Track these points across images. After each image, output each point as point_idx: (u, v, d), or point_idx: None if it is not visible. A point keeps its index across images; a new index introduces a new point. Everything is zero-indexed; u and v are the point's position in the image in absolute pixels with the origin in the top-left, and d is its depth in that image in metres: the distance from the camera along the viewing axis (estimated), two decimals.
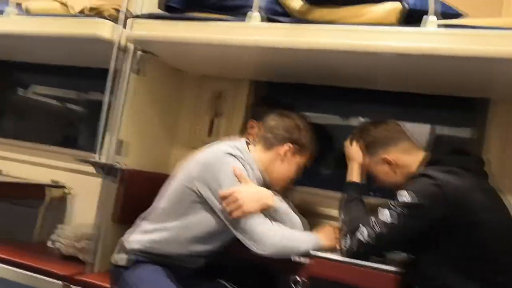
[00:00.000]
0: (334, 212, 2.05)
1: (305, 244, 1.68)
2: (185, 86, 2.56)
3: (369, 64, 1.91)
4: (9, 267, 2.13)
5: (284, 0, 1.89)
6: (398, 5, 1.74)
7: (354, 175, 1.84)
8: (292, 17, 1.87)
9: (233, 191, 1.65)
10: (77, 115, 3.27)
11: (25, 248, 2.34)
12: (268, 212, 1.70)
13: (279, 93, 2.50)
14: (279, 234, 1.64)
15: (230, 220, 1.66)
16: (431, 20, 1.65)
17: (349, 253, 1.59)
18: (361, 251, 1.57)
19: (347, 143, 1.90)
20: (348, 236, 1.61)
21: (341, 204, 1.80)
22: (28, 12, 2.38)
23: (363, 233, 1.56)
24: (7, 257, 2.15)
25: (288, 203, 1.94)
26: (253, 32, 1.85)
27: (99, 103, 2.17)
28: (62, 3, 2.31)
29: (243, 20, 1.89)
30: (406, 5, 1.73)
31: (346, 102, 2.51)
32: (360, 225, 1.58)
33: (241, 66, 2.29)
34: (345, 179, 1.87)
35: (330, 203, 2.17)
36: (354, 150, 1.86)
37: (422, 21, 1.66)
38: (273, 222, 1.69)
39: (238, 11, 1.98)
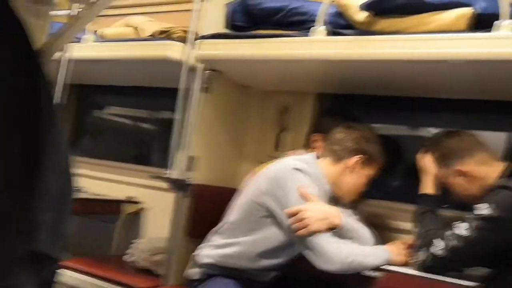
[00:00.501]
0: (405, 226, 2.01)
1: (374, 259, 1.65)
2: (251, 102, 2.61)
3: (436, 72, 1.87)
4: (89, 279, 2.25)
5: (348, 13, 1.90)
6: (468, 10, 1.69)
7: (428, 187, 1.79)
8: (356, 29, 1.87)
9: (300, 209, 1.65)
10: (149, 133, 3.41)
11: (103, 261, 2.46)
12: (336, 230, 1.69)
13: (344, 105, 2.49)
14: (346, 251, 1.63)
15: (298, 238, 1.67)
16: (504, 25, 1.59)
17: (424, 267, 1.55)
18: (436, 265, 1.52)
19: (420, 155, 1.85)
20: (423, 249, 1.57)
21: (415, 217, 1.75)
22: (103, 38, 2.53)
23: (438, 247, 1.51)
24: (87, 269, 2.27)
25: (358, 215, 1.92)
26: (317, 46, 1.87)
27: (169, 121, 2.26)
28: (134, 28, 2.44)
29: (308, 35, 1.91)
30: (478, 10, 1.68)
31: (413, 112, 2.45)
32: (435, 238, 1.54)
33: (306, 80, 2.31)
34: (417, 191, 1.83)
35: (401, 216, 2.12)
36: (427, 162, 1.81)
37: (494, 26, 1.60)
38: (340, 239, 1.68)
39: (302, 26, 2.01)
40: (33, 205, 1.24)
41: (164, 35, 2.29)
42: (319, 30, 1.87)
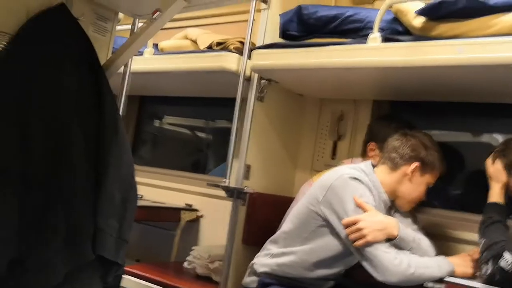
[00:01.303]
0: (466, 236, 1.94)
1: (437, 271, 1.61)
2: (306, 110, 2.62)
3: (499, 77, 1.80)
4: (150, 285, 2.31)
5: (405, 19, 1.87)
6: None
7: (496, 195, 1.71)
8: (414, 34, 1.84)
9: (357, 219, 1.63)
10: (205, 142, 3.49)
11: (164, 267, 2.53)
12: (394, 241, 1.65)
13: (402, 112, 2.44)
14: (405, 262, 1.59)
15: (355, 248, 1.65)
16: None
17: (491, 281, 1.49)
18: (504, 279, 1.45)
19: (488, 162, 1.77)
20: (490, 262, 1.51)
21: (481, 227, 1.68)
22: (162, 51, 2.62)
23: (507, 260, 1.45)
24: (148, 275, 2.34)
25: (417, 224, 1.88)
26: (373, 53, 1.85)
27: (225, 130, 2.30)
28: (192, 40, 2.51)
29: (363, 42, 1.89)
30: None
31: (475, 117, 2.36)
32: (505, 251, 1.47)
33: (361, 87, 2.29)
34: (479, 199, 1.76)
35: (461, 226, 2.05)
36: (496, 169, 1.73)
37: None
38: (399, 250, 1.64)
39: (358, 34, 2.00)
40: (99, 213, 1.31)
41: (221, 46, 2.35)
42: (375, 37, 1.86)
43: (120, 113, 1.79)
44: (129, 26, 1.88)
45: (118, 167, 1.41)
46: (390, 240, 1.64)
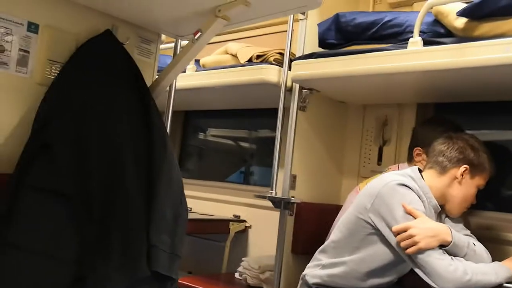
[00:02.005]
0: None
1: (494, 277, 1.56)
2: (349, 117, 2.61)
3: None
4: None
5: (446, 20, 1.84)
6: None
7: None
8: (456, 36, 1.81)
9: (408, 226, 1.61)
10: (249, 152, 3.52)
11: (216, 279, 2.58)
12: (448, 248, 1.62)
13: (447, 114, 2.39)
14: (461, 269, 1.55)
15: (406, 255, 1.62)
16: None
17: None
18: None
19: None
20: None
21: None
22: (204, 67, 2.68)
23: None
24: (200, 287, 2.38)
25: (469, 229, 1.83)
26: (415, 57, 1.83)
27: (268, 140, 2.32)
28: (232, 55, 2.56)
29: (404, 47, 1.88)
30: None
31: None
32: None
33: (405, 91, 2.26)
34: None
35: None
36: None
37: None
38: (453, 257, 1.61)
39: (398, 38, 1.99)
40: (152, 230, 1.36)
41: (261, 59, 2.38)
42: (416, 41, 1.83)
43: (168, 129, 1.85)
44: (171, 45, 1.95)
45: (168, 184, 1.45)
46: (444, 246, 1.61)
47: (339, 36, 2.16)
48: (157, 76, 1.69)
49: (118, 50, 1.53)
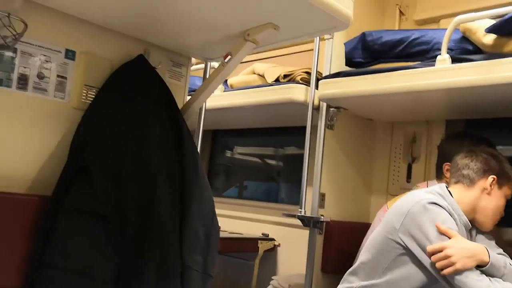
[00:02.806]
0: None
1: None
2: (377, 134, 2.61)
3: None
4: None
5: (474, 37, 1.84)
6: None
7: None
8: (485, 53, 1.80)
9: (443, 246, 1.57)
10: (276, 170, 3.53)
11: None
12: (485, 268, 1.59)
13: (477, 129, 2.36)
14: None
15: (442, 276, 1.59)
16: None
17: None
18: None
19: None
20: None
21: None
22: (232, 87, 2.72)
23: None
24: None
25: (501, 247, 1.80)
26: (443, 74, 1.83)
27: (295, 157, 2.33)
28: (259, 75, 2.60)
29: (432, 64, 1.88)
30: None
31: None
32: None
33: (433, 108, 2.25)
34: None
35: None
36: None
37: None
38: (491, 278, 1.57)
39: (425, 56, 1.99)
40: (185, 250, 1.38)
41: (288, 78, 2.41)
42: (444, 59, 1.83)
43: (198, 149, 1.88)
44: (200, 66, 1.99)
45: (200, 204, 1.48)
46: (481, 267, 1.57)
47: (366, 55, 2.17)
48: (188, 98, 1.73)
49: (151, 74, 1.57)
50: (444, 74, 1.83)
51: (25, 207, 1.30)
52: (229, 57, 1.49)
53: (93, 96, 1.49)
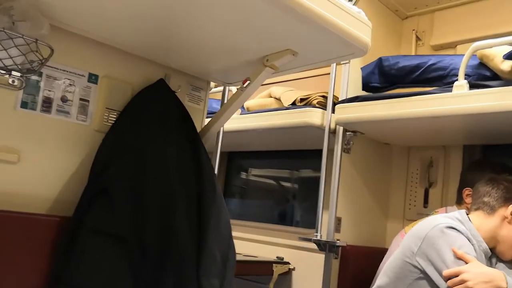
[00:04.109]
0: None
1: None
2: (393, 158, 2.60)
3: None
4: None
5: (492, 64, 1.84)
6: None
7: None
8: (503, 79, 1.80)
9: (460, 270, 1.56)
10: (291, 193, 3.53)
11: None
12: None
13: (495, 155, 2.35)
14: None
15: None
16: None
17: None
18: None
19: None
20: None
21: None
22: (248, 110, 2.75)
23: None
24: None
25: None
26: (461, 100, 1.83)
27: (310, 180, 2.33)
28: (275, 98, 2.62)
29: (449, 90, 1.88)
30: None
31: None
32: None
33: (451, 133, 2.25)
34: None
35: None
36: None
37: None
38: None
39: (442, 81, 2.00)
40: (202, 274, 1.39)
41: (304, 102, 2.42)
42: (462, 85, 1.84)
43: (216, 171, 1.89)
44: (217, 89, 2.02)
45: (218, 227, 1.48)
46: None
47: (383, 80, 2.19)
48: (206, 120, 1.76)
49: (171, 97, 1.60)
50: (461, 100, 1.83)
51: (46, 227, 1.33)
52: (248, 82, 1.51)
53: (114, 119, 1.52)
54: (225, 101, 1.97)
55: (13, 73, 1.31)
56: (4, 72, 1.29)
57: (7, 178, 1.33)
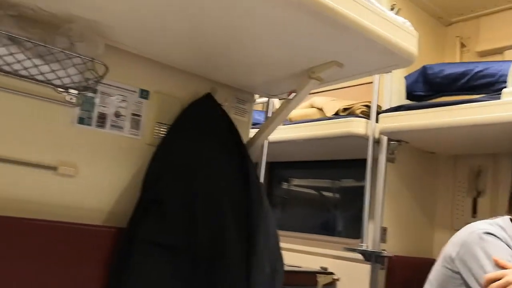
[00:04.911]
0: None
1: None
2: (439, 167, 2.56)
3: None
4: None
5: None
6: None
7: None
8: None
9: (502, 274, 1.52)
10: (333, 203, 3.51)
11: None
12: None
13: None
14: None
15: None
16: None
17: None
18: None
19: None
20: None
21: None
22: (291, 121, 2.77)
23: None
24: None
25: None
26: (510, 107, 1.79)
27: (351, 190, 2.31)
28: (318, 108, 2.63)
29: (497, 98, 1.84)
30: None
31: None
32: None
33: (500, 141, 2.20)
34: None
35: None
36: None
37: None
38: None
39: (489, 88, 1.96)
40: (251, 285, 1.40)
41: (347, 112, 2.42)
42: (510, 92, 1.80)
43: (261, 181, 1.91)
44: (260, 100, 2.04)
45: (266, 238, 1.50)
46: None
47: (428, 88, 2.17)
48: (251, 132, 1.79)
49: (218, 111, 1.64)
50: (509, 108, 1.79)
51: (102, 238, 1.38)
52: (293, 94, 1.53)
53: (165, 133, 1.57)
54: (269, 113, 2.00)
55: (71, 91, 1.38)
56: (63, 90, 1.36)
57: (65, 191, 1.39)
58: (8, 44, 1.22)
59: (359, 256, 2.25)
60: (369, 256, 2.19)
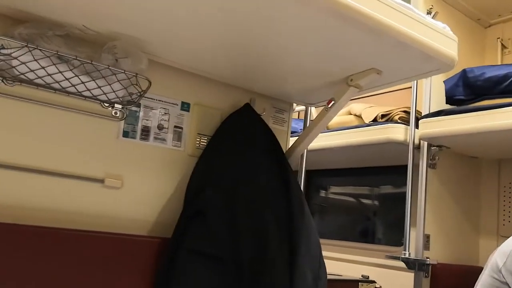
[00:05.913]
0: None
1: None
2: (483, 172, 2.50)
3: None
4: None
5: None
6: None
7: None
8: None
9: None
10: (371, 210, 3.47)
11: None
12: None
13: None
14: None
15: None
16: None
17: None
18: None
19: None
20: None
21: None
22: (328, 128, 2.76)
23: None
24: None
25: None
26: None
27: (391, 197, 2.28)
28: (355, 115, 2.61)
29: None
30: None
31: None
32: None
33: None
34: None
35: None
36: None
37: None
38: None
39: None
40: None
41: (385, 118, 2.40)
42: None
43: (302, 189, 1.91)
44: (299, 108, 2.05)
45: (308, 247, 1.50)
46: None
47: (468, 92, 2.13)
48: (290, 141, 1.80)
49: (257, 121, 1.66)
50: None
51: (148, 248, 1.41)
52: (332, 102, 1.53)
53: (206, 144, 1.60)
54: (308, 122, 2.00)
55: (116, 105, 1.43)
56: (108, 105, 1.42)
57: (112, 202, 1.43)
58: (57, 63, 1.28)
59: (401, 264, 2.22)
60: (413, 264, 2.15)
